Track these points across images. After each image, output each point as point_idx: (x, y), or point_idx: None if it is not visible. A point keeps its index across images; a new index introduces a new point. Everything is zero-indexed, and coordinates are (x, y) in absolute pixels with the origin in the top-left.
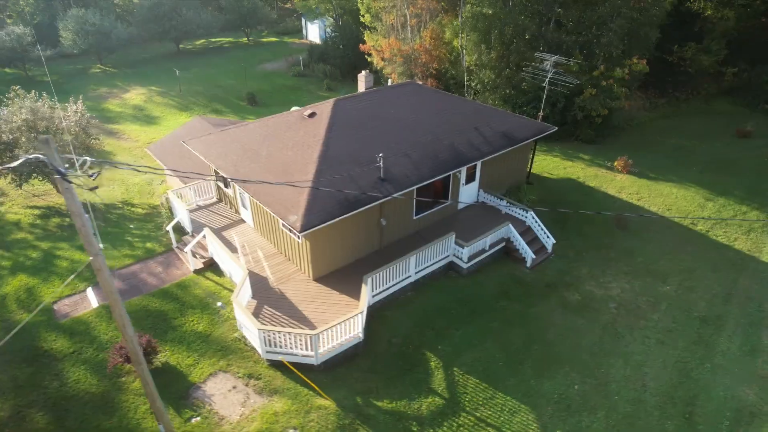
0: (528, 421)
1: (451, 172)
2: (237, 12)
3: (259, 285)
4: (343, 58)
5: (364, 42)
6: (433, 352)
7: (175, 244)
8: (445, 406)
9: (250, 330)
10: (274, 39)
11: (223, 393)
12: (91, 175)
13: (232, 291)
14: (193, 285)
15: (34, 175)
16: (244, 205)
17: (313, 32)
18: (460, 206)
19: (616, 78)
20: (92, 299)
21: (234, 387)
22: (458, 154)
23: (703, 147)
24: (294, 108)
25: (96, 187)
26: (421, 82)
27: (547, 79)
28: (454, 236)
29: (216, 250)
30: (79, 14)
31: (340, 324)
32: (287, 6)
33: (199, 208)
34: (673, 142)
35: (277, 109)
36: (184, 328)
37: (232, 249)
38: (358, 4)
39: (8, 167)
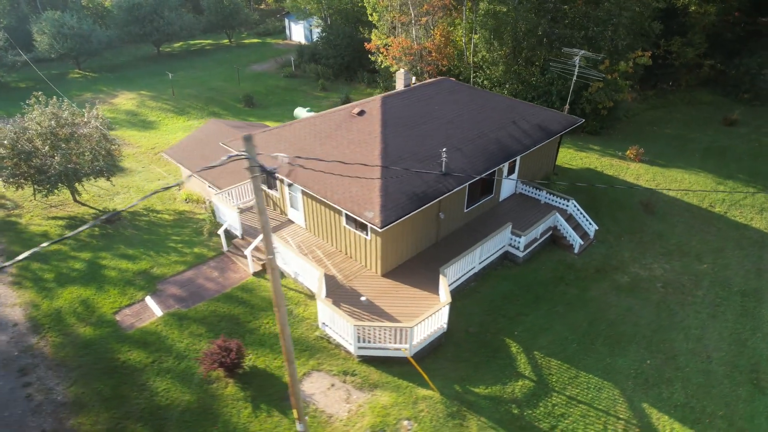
0: (614, 396)
1: (501, 166)
2: (219, 13)
3: (330, 283)
4: (335, 58)
5: (359, 41)
6: (510, 337)
7: (225, 248)
8: (536, 388)
9: (341, 327)
10: (256, 40)
11: (323, 391)
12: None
13: (296, 291)
14: (256, 287)
15: (60, 184)
16: (293, 206)
17: (298, 33)
18: (501, 198)
19: (621, 71)
20: (154, 308)
21: (332, 385)
22: (504, 147)
23: (696, 135)
24: (298, 109)
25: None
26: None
27: (575, 74)
28: (510, 226)
29: (281, 250)
30: (55, 17)
31: (431, 316)
32: (262, 7)
33: (241, 211)
34: (669, 131)
35: (275, 110)
36: (261, 330)
37: (282, 251)
38: (364, 3)
39: (213, 165)
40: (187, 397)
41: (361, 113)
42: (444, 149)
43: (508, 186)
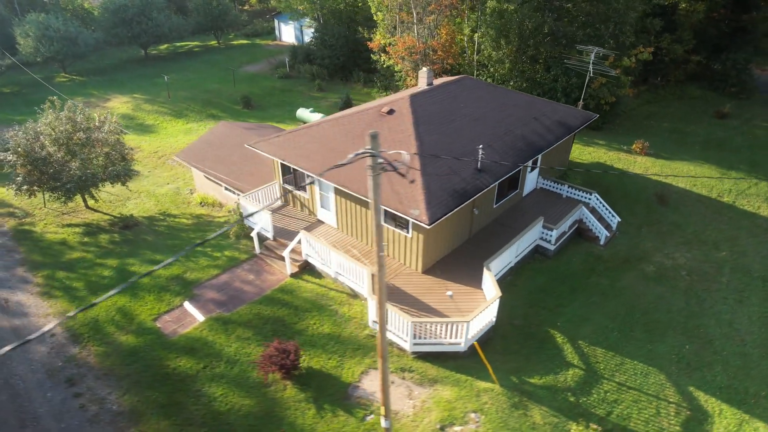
0: (660, 381)
1: (529, 161)
2: (208, 14)
3: (373, 281)
4: (331, 59)
5: (354, 41)
6: (554, 328)
7: (258, 251)
8: (586, 376)
9: (395, 324)
10: (244, 41)
11: None
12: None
13: (338, 291)
14: (296, 289)
15: (79, 191)
16: (323, 206)
17: (288, 34)
18: (524, 193)
19: (623, 67)
20: (195, 313)
21: (392, 382)
22: (531, 143)
23: (692, 128)
24: (301, 110)
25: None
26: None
27: (589, 70)
28: (542, 220)
29: (321, 251)
30: (40, 19)
31: (484, 310)
32: (246, 8)
33: (272, 212)
34: (666, 125)
35: (275, 111)
36: (309, 331)
37: (323, 251)
38: (368, 2)
39: (342, 164)
40: (246, 402)
41: (391, 112)
42: (481, 146)
43: (530, 181)
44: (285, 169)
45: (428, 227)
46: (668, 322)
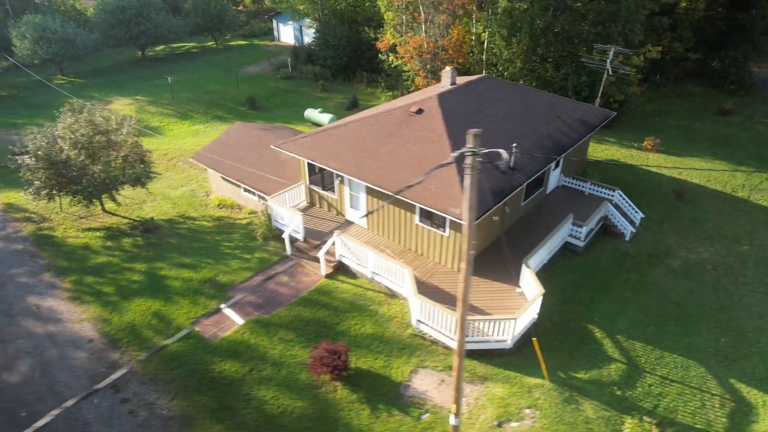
0: (701, 373)
1: (556, 159)
2: (206, 15)
3: None
4: (334, 59)
5: (357, 41)
6: (591, 324)
7: (289, 252)
8: (629, 370)
9: (441, 322)
10: (242, 42)
11: (435, 387)
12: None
13: (375, 292)
14: (333, 290)
15: (104, 195)
16: (353, 206)
17: (287, 34)
18: (548, 191)
19: (633, 65)
20: (233, 316)
21: (442, 381)
22: (557, 141)
23: (697, 125)
24: (309, 110)
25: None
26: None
27: (607, 68)
28: (572, 217)
29: (357, 251)
30: (37, 20)
31: (529, 306)
32: (240, 8)
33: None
34: (671, 122)
35: (280, 112)
36: (352, 332)
37: (360, 251)
38: (377, 2)
39: (445, 164)
40: (299, 404)
41: (420, 111)
42: (515, 144)
43: (553, 179)
44: (311, 170)
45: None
46: (701, 316)
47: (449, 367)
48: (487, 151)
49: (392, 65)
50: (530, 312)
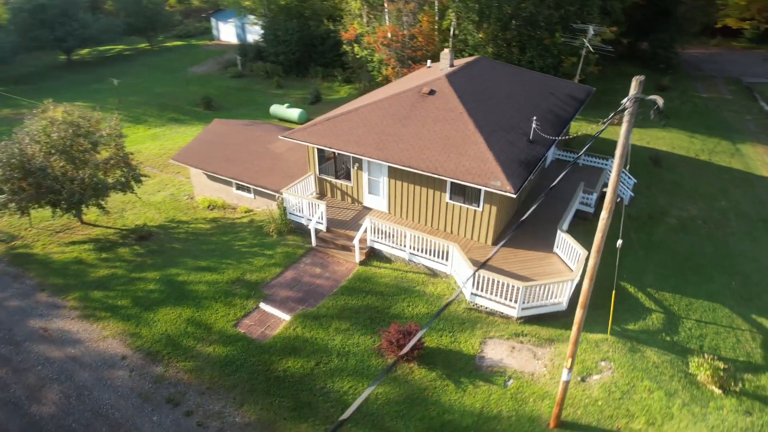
0: (727, 313)
1: (562, 132)
2: (140, 15)
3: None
4: (286, 55)
5: (309, 36)
6: (621, 281)
7: (314, 244)
8: (668, 318)
9: (500, 292)
10: (179, 43)
11: (508, 355)
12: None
13: (415, 273)
14: (372, 276)
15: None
16: (371, 192)
17: (228, 33)
18: (546, 164)
19: (603, 42)
20: (277, 313)
21: (513, 348)
22: (558, 116)
23: (642, 101)
24: (275, 106)
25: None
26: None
27: (585, 46)
28: (583, 185)
29: (394, 234)
30: None
31: (581, 268)
32: (167, 8)
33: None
34: (621, 98)
35: (241, 110)
36: (406, 313)
37: (389, 235)
38: None
39: (618, 111)
40: (380, 390)
41: (432, 92)
42: (534, 117)
43: (551, 153)
44: (321, 159)
45: (514, 195)
46: (708, 265)
47: (515, 335)
48: (651, 97)
49: (357, 56)
50: (576, 272)
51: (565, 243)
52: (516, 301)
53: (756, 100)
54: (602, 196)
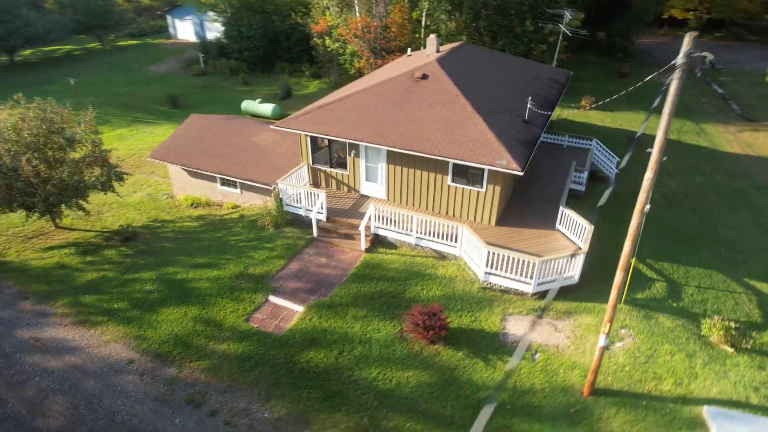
0: (722, 278)
1: (551, 114)
2: (90, 12)
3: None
4: (250, 51)
5: (273, 32)
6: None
7: (316, 234)
8: (670, 286)
9: (514, 269)
10: (134, 42)
11: (530, 329)
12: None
13: (423, 257)
14: (379, 262)
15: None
16: (370, 179)
17: (185, 30)
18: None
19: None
20: (289, 305)
21: (533, 322)
22: (545, 98)
23: (608, 87)
24: (247, 102)
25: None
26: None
27: (561, 32)
28: (575, 164)
29: (400, 219)
30: None
31: (586, 242)
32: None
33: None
34: (587, 85)
35: (208, 108)
36: (422, 296)
37: (393, 221)
38: None
39: (666, 70)
40: (410, 373)
41: (425, 77)
42: (530, 98)
43: None
44: (314, 149)
45: (521, 173)
46: (696, 235)
47: (533, 310)
48: (703, 53)
49: (329, 49)
50: (584, 248)
51: (568, 219)
52: (531, 277)
53: (709, 84)
54: (592, 174)
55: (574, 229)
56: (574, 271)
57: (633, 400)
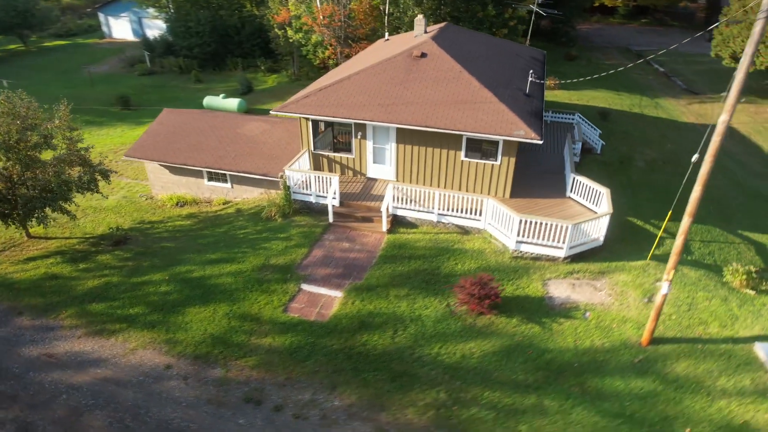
0: (720, 232)
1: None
2: (11, 9)
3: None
4: (200, 47)
5: (223, 26)
6: (628, 217)
7: (331, 219)
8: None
9: (545, 236)
10: (63, 42)
11: (573, 291)
12: None
13: (447, 233)
14: (405, 242)
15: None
16: (377, 161)
17: (121, 29)
18: None
19: (519, 17)
20: (325, 291)
21: (572, 285)
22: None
23: (560, 69)
24: (209, 98)
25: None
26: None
27: (533, 13)
28: (570, 136)
29: (421, 197)
30: None
31: (608, 205)
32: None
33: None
34: (548, 67)
35: (166, 107)
36: (458, 270)
37: (414, 200)
38: None
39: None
40: (471, 344)
41: (424, 55)
42: (531, 71)
43: None
44: (315, 134)
45: (540, 142)
46: (686, 196)
47: (569, 273)
48: None
49: (290, 40)
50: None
51: (581, 186)
52: (563, 242)
53: (650, 64)
54: (583, 145)
55: (587, 194)
56: (599, 233)
57: (688, 345)
